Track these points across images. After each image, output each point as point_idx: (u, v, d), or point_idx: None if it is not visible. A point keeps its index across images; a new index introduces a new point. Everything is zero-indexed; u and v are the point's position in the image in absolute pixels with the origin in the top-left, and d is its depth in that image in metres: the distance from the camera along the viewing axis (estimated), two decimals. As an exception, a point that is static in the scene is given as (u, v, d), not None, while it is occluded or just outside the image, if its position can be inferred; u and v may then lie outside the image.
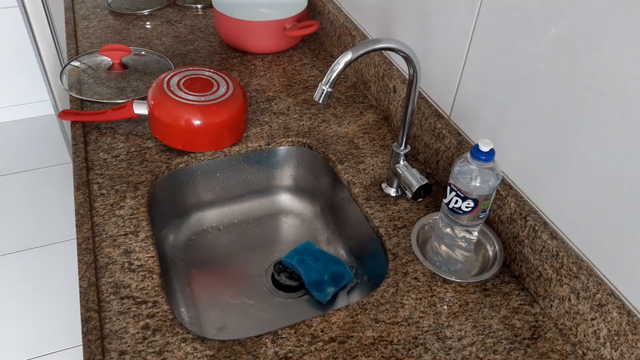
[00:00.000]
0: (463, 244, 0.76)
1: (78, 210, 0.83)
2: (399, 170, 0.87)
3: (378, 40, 0.73)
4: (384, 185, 0.91)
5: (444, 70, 0.89)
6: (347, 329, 0.70)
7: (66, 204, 2.15)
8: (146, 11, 1.42)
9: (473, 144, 0.85)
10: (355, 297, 0.91)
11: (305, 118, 1.07)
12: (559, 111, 0.67)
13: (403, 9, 0.97)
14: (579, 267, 0.66)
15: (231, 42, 1.26)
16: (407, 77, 0.98)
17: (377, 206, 0.88)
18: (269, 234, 1.04)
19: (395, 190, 0.90)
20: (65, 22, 1.35)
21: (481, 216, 0.72)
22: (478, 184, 0.68)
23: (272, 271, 0.94)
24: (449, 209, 0.73)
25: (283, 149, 1.03)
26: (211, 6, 1.46)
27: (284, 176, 1.07)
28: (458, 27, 0.82)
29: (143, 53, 1.20)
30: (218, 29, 1.27)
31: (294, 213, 1.07)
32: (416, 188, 0.84)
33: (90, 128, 1.01)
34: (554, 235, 0.70)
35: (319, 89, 0.75)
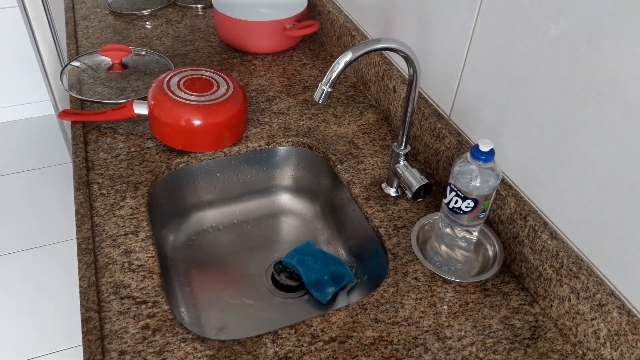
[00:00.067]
0: (463, 244, 0.76)
1: (78, 210, 0.83)
2: (399, 170, 0.87)
3: (378, 40, 0.73)
4: (384, 185, 0.91)
5: (444, 70, 0.89)
6: (347, 329, 0.70)
7: (66, 204, 2.15)
8: (146, 11, 1.42)
9: (473, 144, 0.85)
10: (355, 297, 0.91)
11: (305, 118, 1.07)
12: (559, 111, 0.67)
13: (403, 9, 0.97)
14: (579, 267, 0.66)
15: (231, 42, 1.26)
16: (407, 77, 0.98)
17: (377, 206, 0.88)
18: (269, 234, 1.04)
19: (395, 190, 0.90)
20: (66, 22, 1.35)
21: (481, 216, 0.72)
22: (478, 184, 0.68)
23: (272, 271, 0.94)
24: (449, 209, 0.73)
25: (283, 149, 1.03)
26: (211, 6, 1.46)
27: (284, 176, 1.07)
28: (458, 27, 0.82)
29: (143, 53, 1.20)
30: (218, 29, 1.27)
31: (294, 213, 1.07)
32: (416, 188, 0.84)
33: (90, 128, 1.01)
34: (554, 235, 0.70)
35: (319, 89, 0.75)
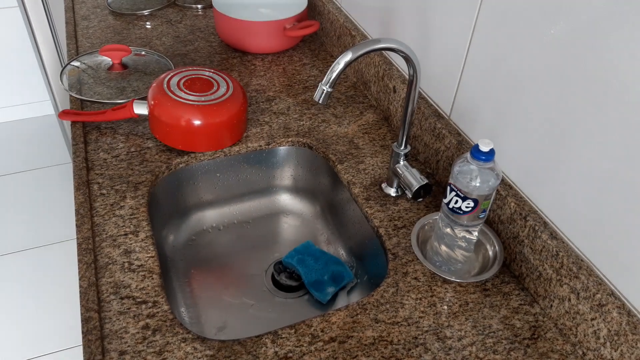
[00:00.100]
0: (463, 244, 0.76)
1: (78, 210, 0.83)
2: (399, 170, 0.87)
3: (378, 40, 0.73)
4: (384, 185, 0.91)
5: (444, 70, 0.89)
6: (347, 329, 0.70)
7: (66, 204, 2.15)
8: (146, 11, 1.42)
9: (473, 144, 0.85)
10: (355, 297, 0.91)
11: (305, 118, 1.07)
12: (559, 111, 0.67)
13: (403, 9, 0.97)
14: (579, 267, 0.66)
15: (231, 42, 1.26)
16: (407, 77, 0.98)
17: (377, 206, 0.88)
18: (269, 234, 1.04)
19: (395, 190, 0.90)
20: (66, 22, 1.35)
21: (481, 216, 0.72)
22: (478, 184, 0.68)
23: (272, 271, 0.95)
24: (449, 209, 0.73)
25: (283, 149, 1.03)
26: (211, 6, 1.46)
27: (284, 176, 1.07)
28: (458, 27, 0.82)
29: (143, 53, 1.20)
30: (218, 29, 1.27)
31: (294, 213, 1.07)
32: (416, 188, 0.84)
33: (90, 128, 1.01)
34: (554, 235, 0.70)
35: (319, 89, 0.75)
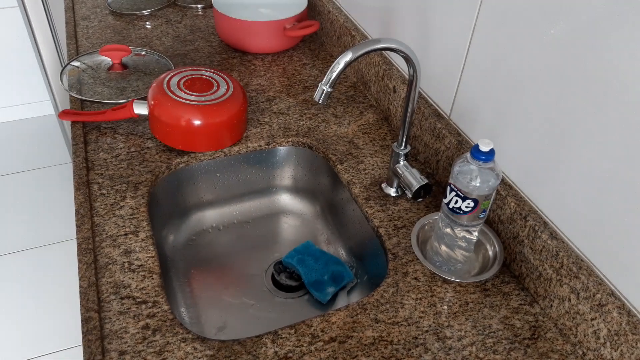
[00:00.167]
0: (463, 244, 0.76)
1: (78, 210, 0.83)
2: (399, 170, 0.87)
3: (378, 40, 0.73)
4: (384, 185, 0.91)
5: (444, 70, 0.89)
6: (347, 329, 0.70)
7: (66, 204, 2.15)
8: (146, 11, 1.42)
9: (473, 144, 0.85)
10: (355, 297, 0.91)
11: (305, 118, 1.07)
12: (559, 111, 0.67)
13: (403, 9, 0.97)
14: (579, 267, 0.66)
15: (231, 42, 1.26)
16: (407, 77, 0.98)
17: (377, 206, 0.88)
18: (269, 234, 1.04)
19: (395, 190, 0.90)
20: (66, 22, 1.35)
21: (481, 216, 0.72)
22: (478, 184, 0.68)
23: (272, 271, 0.94)
24: (449, 209, 0.73)
25: (283, 149, 1.03)
26: (211, 6, 1.46)
27: (284, 176, 1.07)
28: (458, 27, 0.82)
29: (143, 53, 1.20)
30: (218, 29, 1.27)
31: (294, 213, 1.07)
32: (416, 188, 0.84)
33: (90, 128, 1.01)
34: (554, 235, 0.70)
35: (319, 89, 0.75)
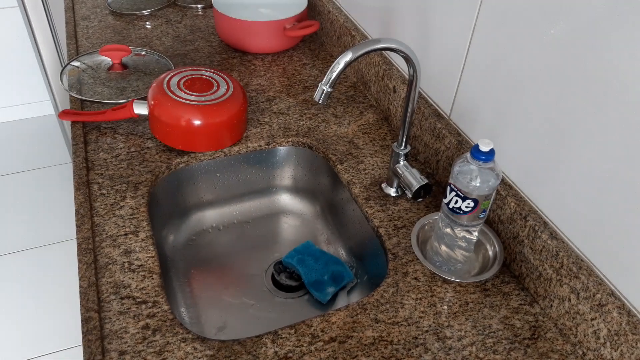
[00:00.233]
0: (463, 244, 0.76)
1: (78, 210, 0.83)
2: (399, 170, 0.87)
3: (378, 40, 0.73)
4: (384, 185, 0.91)
5: (444, 70, 0.89)
6: (347, 329, 0.70)
7: (66, 204, 2.15)
8: (146, 11, 1.42)
9: (473, 144, 0.85)
10: (355, 297, 0.91)
11: (305, 118, 1.07)
12: (559, 111, 0.67)
13: (403, 9, 0.97)
14: (579, 267, 0.66)
15: (231, 42, 1.26)
16: (407, 77, 0.98)
17: (377, 206, 0.88)
18: (269, 234, 1.04)
19: (395, 190, 0.90)
20: (66, 22, 1.35)
21: (481, 216, 0.72)
22: (478, 184, 0.68)
23: (272, 271, 0.94)
24: (449, 209, 0.73)
25: (283, 149, 1.03)
26: (211, 6, 1.46)
27: (284, 176, 1.07)
28: (458, 27, 0.82)
29: (143, 53, 1.20)
30: (218, 29, 1.27)
31: (294, 213, 1.07)
32: (416, 188, 0.84)
33: (90, 128, 1.01)
34: (554, 235, 0.70)
35: (319, 89, 0.75)
